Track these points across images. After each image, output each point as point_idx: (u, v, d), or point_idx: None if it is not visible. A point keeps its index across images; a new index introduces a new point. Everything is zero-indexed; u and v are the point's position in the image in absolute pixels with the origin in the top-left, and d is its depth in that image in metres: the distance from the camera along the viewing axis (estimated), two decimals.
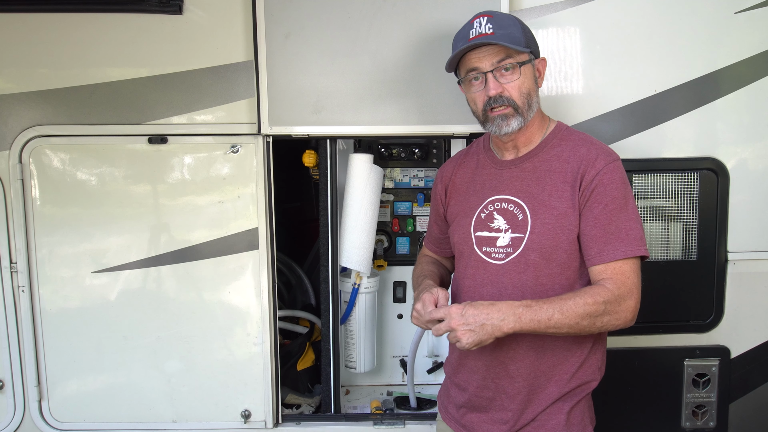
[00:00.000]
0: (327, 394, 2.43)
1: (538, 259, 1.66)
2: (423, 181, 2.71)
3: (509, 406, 1.72)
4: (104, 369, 2.34)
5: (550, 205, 1.67)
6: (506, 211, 1.72)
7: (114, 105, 2.24)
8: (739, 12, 2.23)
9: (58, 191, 2.28)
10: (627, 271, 1.60)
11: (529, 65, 1.71)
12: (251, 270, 2.30)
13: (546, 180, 1.70)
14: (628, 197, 1.64)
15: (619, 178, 1.64)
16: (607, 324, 1.59)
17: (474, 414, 1.79)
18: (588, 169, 1.64)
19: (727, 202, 2.28)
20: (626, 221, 1.62)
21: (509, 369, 1.71)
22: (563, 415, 1.68)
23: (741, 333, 2.35)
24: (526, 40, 1.70)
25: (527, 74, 1.70)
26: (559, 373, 1.69)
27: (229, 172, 2.28)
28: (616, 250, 1.60)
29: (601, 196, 1.62)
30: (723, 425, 2.37)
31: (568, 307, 1.54)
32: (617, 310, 1.58)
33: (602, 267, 1.61)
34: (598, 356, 1.74)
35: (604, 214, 1.61)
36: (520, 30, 1.70)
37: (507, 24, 1.69)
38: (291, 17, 2.17)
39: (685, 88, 2.25)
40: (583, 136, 1.74)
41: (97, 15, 2.21)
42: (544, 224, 1.66)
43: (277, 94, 2.19)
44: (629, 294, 1.59)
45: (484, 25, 1.67)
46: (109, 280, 2.30)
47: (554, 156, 1.72)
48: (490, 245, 1.72)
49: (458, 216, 1.84)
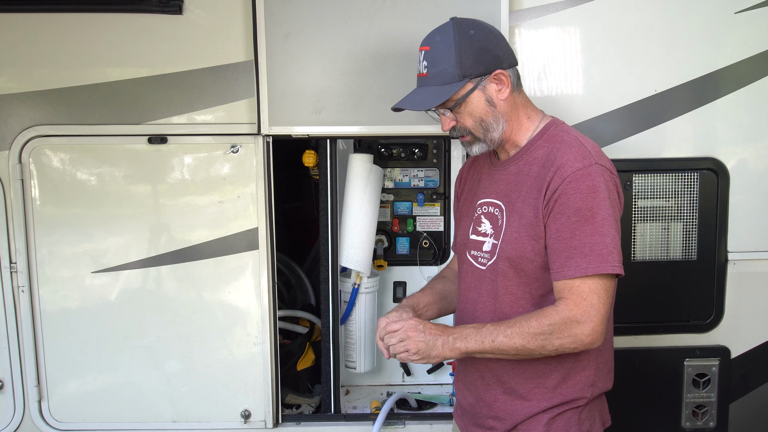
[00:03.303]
0: (327, 394, 2.43)
1: (507, 269, 1.61)
2: (423, 181, 2.71)
3: (488, 414, 1.70)
4: (104, 369, 2.34)
5: (521, 212, 1.60)
6: (491, 214, 1.69)
7: (114, 105, 2.24)
8: (739, 12, 2.23)
9: (58, 191, 2.28)
10: (585, 291, 1.49)
11: (477, 91, 1.61)
12: (251, 270, 2.30)
13: (522, 184, 1.62)
14: (596, 208, 1.50)
15: (586, 187, 1.50)
16: (561, 348, 1.51)
17: (466, 418, 1.81)
18: (554, 177, 1.54)
19: (727, 202, 2.28)
20: (591, 235, 1.49)
21: (485, 376, 1.70)
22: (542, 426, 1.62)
23: (741, 333, 2.35)
24: (462, 70, 1.58)
25: (474, 102, 1.62)
26: (538, 386, 1.63)
27: (229, 172, 2.28)
28: (576, 266, 1.49)
29: (564, 207, 1.51)
30: (723, 425, 2.37)
31: (514, 331, 1.52)
32: (568, 333, 1.49)
33: (561, 284, 1.52)
34: (587, 372, 1.63)
35: (567, 226, 1.51)
36: (453, 62, 1.58)
37: (440, 57, 1.60)
38: (291, 17, 2.16)
39: (685, 88, 2.25)
40: (567, 137, 1.62)
41: (97, 15, 2.20)
42: (513, 232, 1.61)
43: (277, 94, 2.19)
44: (584, 317, 1.48)
45: (421, 62, 1.65)
46: (109, 280, 2.30)
47: (535, 159, 1.63)
48: (477, 249, 1.71)
49: (462, 218, 1.83)
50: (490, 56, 1.62)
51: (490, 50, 1.62)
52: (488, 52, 1.62)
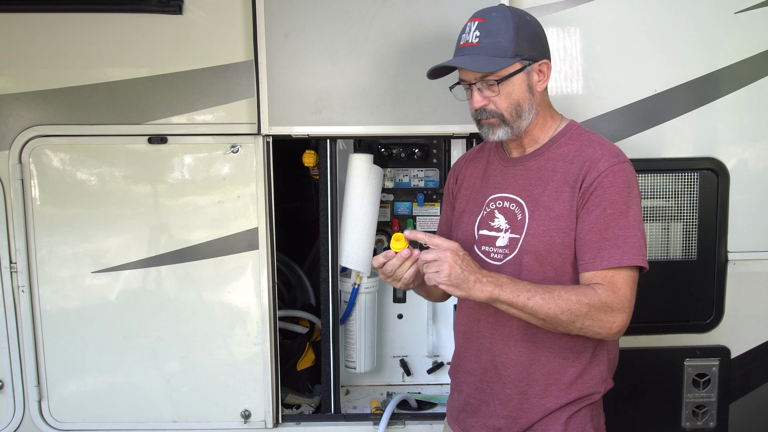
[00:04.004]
0: (327, 394, 2.43)
1: (532, 262, 1.61)
2: (423, 181, 2.71)
3: (501, 413, 1.68)
4: (104, 369, 2.34)
5: (548, 206, 1.61)
6: (507, 209, 1.68)
7: (114, 105, 2.24)
8: (739, 12, 2.23)
9: (58, 191, 2.28)
10: (619, 282, 1.52)
11: (521, 74, 1.61)
12: (251, 270, 2.30)
13: (548, 180, 1.64)
14: (631, 203, 1.55)
15: (623, 182, 1.55)
16: (587, 329, 1.51)
17: (471, 418, 1.76)
18: (590, 171, 1.56)
19: (727, 202, 2.28)
20: (625, 228, 1.53)
21: (501, 374, 1.67)
22: (560, 425, 1.62)
23: (741, 333, 2.35)
24: (516, 47, 1.58)
25: (516, 84, 1.61)
26: (556, 382, 1.63)
27: (229, 172, 2.28)
28: (610, 257, 1.52)
29: (600, 199, 1.54)
30: (723, 425, 2.37)
31: (552, 296, 1.49)
32: (601, 318, 1.50)
33: (593, 274, 1.53)
34: (601, 368, 1.65)
35: (602, 218, 1.53)
36: (510, 37, 1.58)
37: (497, 30, 1.58)
38: (291, 17, 2.17)
39: (685, 88, 2.25)
40: (592, 136, 1.67)
41: (97, 15, 2.21)
42: (540, 226, 1.61)
43: (277, 94, 2.19)
44: (620, 307, 1.51)
45: (472, 32, 1.61)
46: (109, 280, 2.30)
47: (560, 156, 1.65)
48: (489, 244, 1.69)
49: (464, 213, 1.81)
50: (540, 44, 1.66)
51: (542, 39, 1.67)
52: (540, 40, 1.66)
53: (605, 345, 1.67)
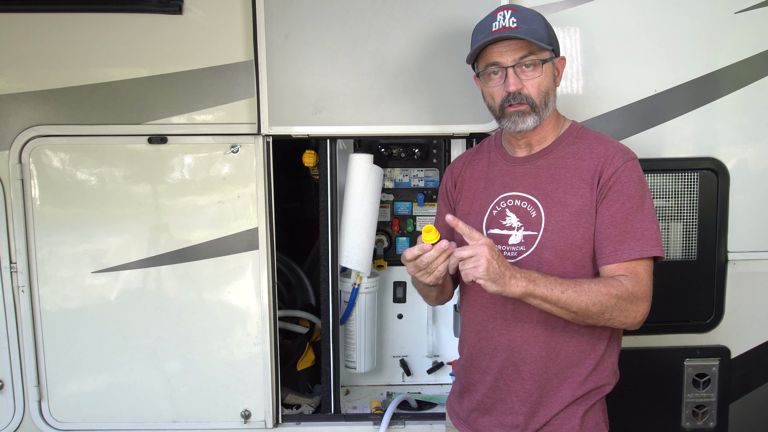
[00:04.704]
0: (327, 394, 2.43)
1: (552, 257, 1.63)
2: (423, 181, 2.71)
3: (520, 410, 1.68)
4: (104, 369, 2.34)
5: (565, 202, 1.64)
6: (519, 208, 1.70)
7: (114, 105, 2.24)
8: (739, 12, 2.23)
9: (58, 191, 2.28)
10: (641, 272, 1.57)
11: (550, 63, 1.68)
12: (251, 270, 2.30)
13: (560, 177, 1.67)
14: (645, 197, 1.62)
15: (637, 176, 1.62)
16: (613, 320, 1.56)
17: (485, 418, 1.75)
18: (606, 167, 1.62)
19: (727, 202, 2.28)
20: (642, 221, 1.59)
21: (521, 369, 1.68)
22: (577, 419, 1.65)
23: (741, 333, 2.35)
24: (548, 37, 1.67)
25: (547, 72, 1.68)
26: (572, 375, 1.66)
27: (229, 172, 2.28)
28: (631, 249, 1.57)
29: (618, 194, 1.60)
30: (723, 425, 2.37)
31: (583, 289, 1.52)
32: (628, 308, 1.55)
33: (615, 266, 1.58)
34: (613, 359, 1.71)
35: (621, 212, 1.59)
36: (543, 26, 1.67)
37: (531, 19, 1.65)
38: (291, 17, 2.17)
39: (685, 88, 2.25)
40: (598, 135, 1.73)
41: (97, 15, 2.20)
42: (559, 221, 1.64)
43: (277, 94, 2.19)
44: (643, 296, 1.57)
45: (507, 18, 1.64)
46: (109, 280, 2.30)
47: (570, 153, 1.69)
48: (501, 243, 1.70)
49: (469, 214, 1.81)
50: (557, 41, 1.75)
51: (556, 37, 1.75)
52: (557, 37, 1.75)
53: (617, 335, 1.71)
